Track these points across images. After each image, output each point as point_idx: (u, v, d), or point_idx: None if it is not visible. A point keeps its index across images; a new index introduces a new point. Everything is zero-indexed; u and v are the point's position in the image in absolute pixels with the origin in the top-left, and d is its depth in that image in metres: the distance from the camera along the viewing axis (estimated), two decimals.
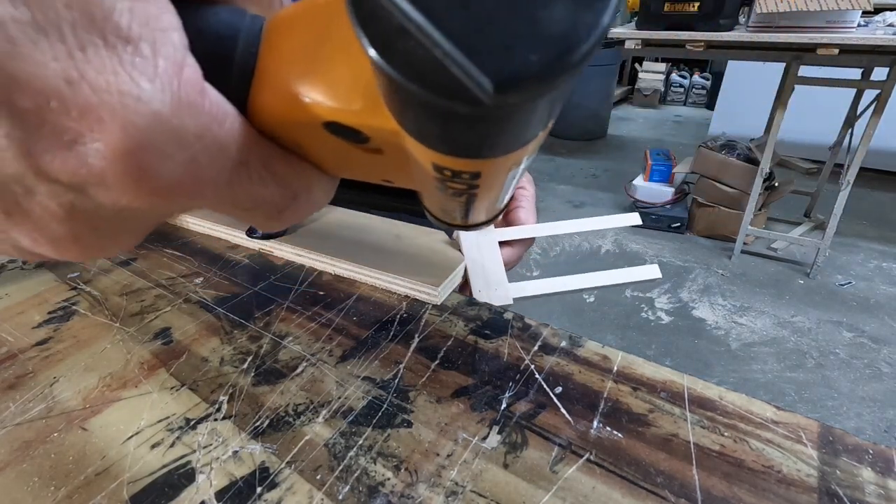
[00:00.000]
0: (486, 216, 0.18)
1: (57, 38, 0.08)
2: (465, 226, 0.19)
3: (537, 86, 0.07)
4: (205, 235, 0.46)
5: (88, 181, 0.10)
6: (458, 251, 0.37)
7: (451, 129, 0.09)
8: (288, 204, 0.14)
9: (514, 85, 0.07)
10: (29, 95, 0.08)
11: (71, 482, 0.23)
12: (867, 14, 1.60)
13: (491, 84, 0.07)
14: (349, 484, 0.22)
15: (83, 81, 0.09)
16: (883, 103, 1.60)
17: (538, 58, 0.07)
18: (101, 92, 0.09)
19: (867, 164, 2.59)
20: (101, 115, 0.09)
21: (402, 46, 0.07)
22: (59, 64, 0.08)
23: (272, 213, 0.14)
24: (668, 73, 4.56)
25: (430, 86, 0.07)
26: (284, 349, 0.30)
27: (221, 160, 0.11)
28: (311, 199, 0.14)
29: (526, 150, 0.11)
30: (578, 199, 2.74)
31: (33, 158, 0.09)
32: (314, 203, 0.15)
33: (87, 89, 0.09)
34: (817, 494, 0.20)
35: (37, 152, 0.09)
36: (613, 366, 0.28)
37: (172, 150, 0.10)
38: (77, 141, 0.09)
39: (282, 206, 0.13)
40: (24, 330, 0.34)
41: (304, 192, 0.14)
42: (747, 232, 1.99)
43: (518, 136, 0.09)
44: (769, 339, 1.68)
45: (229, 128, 0.11)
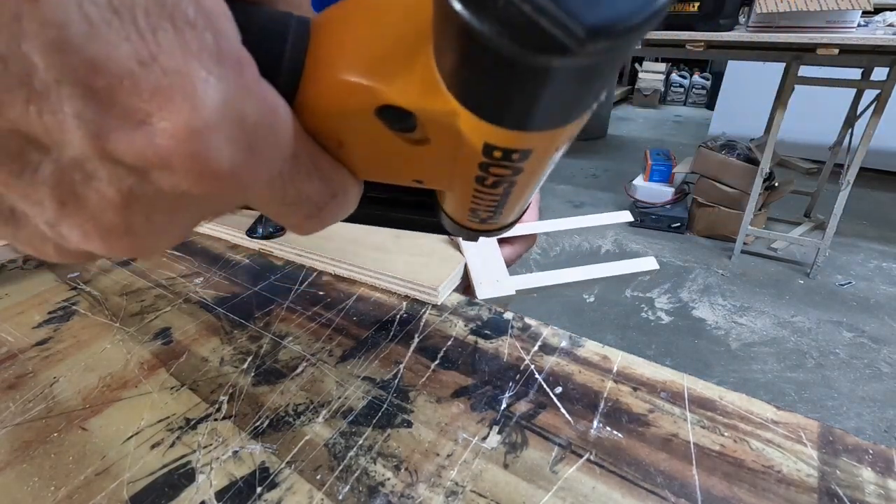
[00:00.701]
0: (515, 214, 0.18)
1: (130, 21, 0.09)
2: (488, 230, 0.19)
3: (626, 32, 0.07)
4: (205, 235, 0.46)
5: (153, 162, 0.10)
6: (457, 251, 0.37)
7: (519, 92, 0.09)
8: (327, 202, 0.14)
9: (604, 30, 0.07)
10: (103, 75, 0.09)
11: (71, 482, 0.23)
12: (867, 14, 1.60)
13: (583, 29, 0.07)
14: (349, 484, 0.22)
15: (155, 63, 0.09)
16: (883, 103, 1.60)
17: (625, 3, 0.07)
18: (171, 74, 0.09)
19: (867, 164, 2.59)
20: (171, 95, 0.09)
21: (489, 1, 0.07)
22: (132, 45, 0.09)
23: (312, 210, 0.14)
24: (668, 73, 4.56)
25: (518, 37, 0.08)
26: (284, 349, 0.30)
27: (277, 149, 0.11)
28: (346, 201, 0.15)
29: (579, 124, 0.11)
30: (578, 199, 2.74)
31: (101, 139, 0.09)
32: (348, 205, 0.15)
33: (159, 70, 0.09)
34: (817, 494, 0.20)
35: (105, 132, 0.09)
36: (613, 366, 0.28)
37: (235, 134, 0.10)
38: (146, 121, 0.09)
39: (321, 203, 0.14)
40: (24, 330, 0.34)
41: (342, 191, 0.14)
42: (747, 232, 1.99)
43: (579, 101, 0.10)
44: (769, 339, 1.68)
45: (283, 118, 0.11)
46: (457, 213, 0.17)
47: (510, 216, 0.17)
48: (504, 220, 0.17)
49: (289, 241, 0.40)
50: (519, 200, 0.15)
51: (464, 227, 0.19)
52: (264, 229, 0.41)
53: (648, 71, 4.51)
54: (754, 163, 1.96)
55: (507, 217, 0.17)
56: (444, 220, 0.19)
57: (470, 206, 0.15)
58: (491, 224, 0.18)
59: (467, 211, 0.16)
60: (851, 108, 1.98)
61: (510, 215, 0.17)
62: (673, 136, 3.75)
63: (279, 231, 0.41)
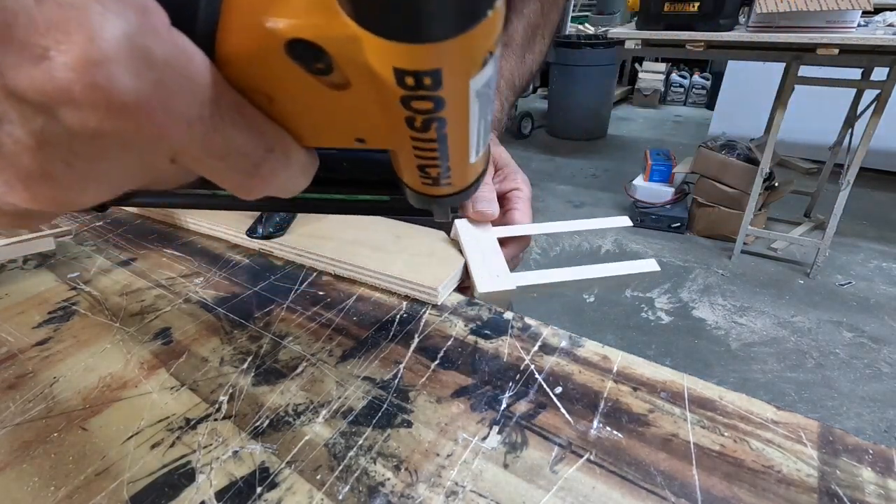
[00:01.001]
0: (468, 172, 0.17)
1: None
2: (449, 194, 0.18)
3: None
4: (205, 235, 0.46)
5: (56, 98, 0.10)
6: (457, 251, 0.37)
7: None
8: (263, 157, 0.14)
9: None
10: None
11: (71, 482, 0.23)
12: (867, 14, 1.60)
13: None
14: (349, 484, 0.22)
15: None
16: (883, 103, 1.60)
17: None
18: (66, 7, 0.09)
19: (867, 164, 2.59)
20: (67, 29, 0.09)
21: None
22: None
23: (249, 167, 0.14)
24: (668, 73, 4.56)
25: None
26: (284, 349, 0.30)
27: (190, 91, 0.11)
28: (287, 161, 0.14)
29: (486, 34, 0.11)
30: (578, 199, 2.74)
31: (2, 77, 0.10)
32: (291, 166, 0.15)
33: (54, 4, 0.09)
34: (817, 494, 0.20)
35: (5, 70, 0.09)
36: (613, 366, 0.28)
37: (138, 67, 0.10)
38: (45, 55, 0.09)
39: (257, 159, 0.13)
40: (24, 330, 0.34)
41: (280, 149, 0.14)
42: (747, 232, 1.99)
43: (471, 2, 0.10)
44: (769, 339, 1.68)
45: (199, 64, 0.11)
46: (412, 179, 0.17)
47: (463, 173, 0.17)
48: (459, 178, 0.17)
49: (289, 241, 0.40)
50: (460, 149, 0.15)
51: (425, 196, 0.18)
52: (264, 229, 0.41)
53: (648, 71, 4.51)
54: (754, 163, 1.96)
55: (462, 174, 0.17)
56: (407, 194, 0.19)
57: (416, 162, 0.15)
58: (448, 185, 0.17)
59: (417, 171, 0.16)
60: (851, 108, 1.98)
61: (462, 171, 0.17)
62: (673, 136, 3.75)
63: (279, 231, 0.41)
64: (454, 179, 0.17)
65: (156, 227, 0.48)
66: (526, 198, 0.41)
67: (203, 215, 0.45)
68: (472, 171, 0.17)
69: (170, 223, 0.48)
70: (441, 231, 0.41)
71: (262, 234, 0.41)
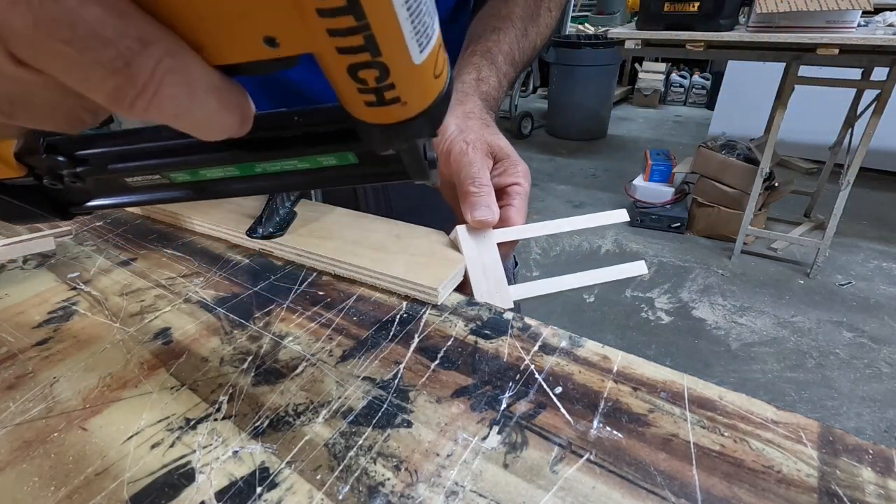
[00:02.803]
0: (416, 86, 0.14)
1: None
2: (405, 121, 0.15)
3: None
4: (205, 235, 0.46)
5: None
6: (458, 251, 0.37)
7: None
8: (136, 51, 0.11)
9: None
10: None
11: (71, 482, 0.23)
12: (867, 14, 1.60)
13: None
14: (349, 484, 0.22)
15: None
16: (883, 103, 1.61)
17: None
18: None
19: (867, 164, 2.59)
20: None
21: None
22: None
23: (113, 60, 0.11)
24: (668, 73, 4.56)
25: None
26: (284, 349, 0.30)
27: None
28: (183, 75, 0.12)
29: None
30: (578, 199, 2.74)
31: None
32: (192, 87, 0.12)
33: None
34: (817, 494, 0.20)
35: None
36: (613, 366, 0.28)
37: None
38: None
39: (124, 50, 0.11)
40: (24, 330, 0.34)
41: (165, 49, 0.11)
42: (747, 232, 1.99)
43: None
44: (769, 339, 1.68)
45: None
46: (352, 98, 0.14)
47: (411, 80, 0.13)
48: (409, 90, 0.14)
49: (289, 241, 0.40)
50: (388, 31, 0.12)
51: (381, 129, 0.15)
52: (264, 229, 0.41)
53: (648, 71, 4.51)
54: (754, 163, 1.96)
55: (410, 83, 0.13)
56: (363, 135, 0.16)
57: (344, 62, 0.12)
58: (399, 104, 0.14)
59: (352, 82, 0.13)
60: (851, 108, 1.98)
61: (409, 77, 0.13)
62: (673, 136, 3.75)
63: (279, 231, 0.41)
64: (403, 92, 0.14)
65: (156, 227, 0.48)
66: (524, 193, 0.39)
67: (203, 215, 0.45)
68: (424, 79, 0.14)
69: (170, 223, 0.48)
70: (441, 231, 0.41)
71: (262, 234, 0.41)
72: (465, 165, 0.37)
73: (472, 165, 0.37)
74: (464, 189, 0.37)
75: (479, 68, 0.44)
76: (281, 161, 0.20)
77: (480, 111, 0.41)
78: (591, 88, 3.51)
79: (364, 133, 0.16)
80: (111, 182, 0.22)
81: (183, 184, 0.22)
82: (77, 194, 0.23)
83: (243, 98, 0.14)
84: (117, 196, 0.24)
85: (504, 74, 0.46)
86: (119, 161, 0.21)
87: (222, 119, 0.14)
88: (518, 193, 0.39)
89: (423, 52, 0.13)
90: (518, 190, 0.39)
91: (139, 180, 0.22)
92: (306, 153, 0.20)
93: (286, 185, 0.23)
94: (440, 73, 0.14)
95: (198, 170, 0.21)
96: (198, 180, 0.22)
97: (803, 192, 2.28)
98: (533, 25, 0.51)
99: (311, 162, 0.21)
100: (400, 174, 0.21)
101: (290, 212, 0.43)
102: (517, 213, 0.38)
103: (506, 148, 0.40)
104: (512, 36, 0.48)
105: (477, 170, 0.37)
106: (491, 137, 0.40)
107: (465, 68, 0.44)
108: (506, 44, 0.47)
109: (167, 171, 0.21)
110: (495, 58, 0.46)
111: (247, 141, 0.17)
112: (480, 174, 0.37)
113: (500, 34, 0.47)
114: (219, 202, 0.47)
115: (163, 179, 0.22)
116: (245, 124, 0.15)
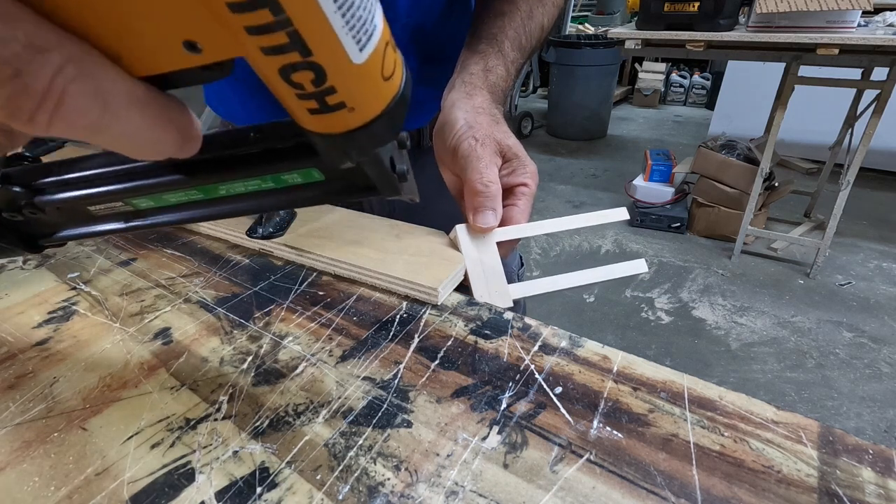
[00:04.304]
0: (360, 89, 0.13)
1: None
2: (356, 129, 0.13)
3: None
4: (205, 235, 0.46)
5: None
6: (458, 251, 0.37)
7: None
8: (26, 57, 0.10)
9: None
10: None
11: (71, 482, 0.23)
12: (867, 14, 1.60)
13: None
14: (349, 484, 0.22)
15: None
16: (883, 103, 1.60)
17: None
18: None
19: (867, 164, 2.59)
20: None
21: None
22: None
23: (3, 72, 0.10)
24: (668, 73, 4.56)
25: None
26: (284, 349, 0.30)
27: None
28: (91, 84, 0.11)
29: None
30: (578, 199, 2.74)
31: None
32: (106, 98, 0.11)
33: None
34: (817, 494, 0.20)
35: None
36: (613, 366, 0.28)
37: None
38: None
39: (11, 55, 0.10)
40: (24, 330, 0.34)
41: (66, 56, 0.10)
42: (747, 232, 1.99)
43: None
44: (769, 339, 1.68)
45: None
46: (293, 103, 0.13)
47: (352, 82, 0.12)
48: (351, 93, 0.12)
49: (289, 241, 0.40)
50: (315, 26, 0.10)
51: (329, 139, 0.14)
52: (264, 229, 0.41)
53: (648, 71, 4.51)
54: (754, 163, 1.96)
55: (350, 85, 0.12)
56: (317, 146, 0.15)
57: (274, 64, 0.11)
58: (345, 109, 0.13)
59: (287, 87, 0.12)
60: (851, 108, 1.98)
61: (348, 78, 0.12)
62: (673, 136, 3.75)
63: (279, 231, 0.41)
64: (347, 96, 0.12)
65: None
66: (530, 195, 0.39)
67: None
68: (369, 81, 0.12)
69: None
70: (441, 231, 0.41)
71: (262, 234, 0.41)
72: (473, 162, 0.37)
73: (480, 162, 0.37)
74: (471, 187, 0.37)
75: (486, 57, 0.43)
76: (243, 181, 0.19)
77: (490, 106, 0.41)
78: (591, 88, 3.50)
79: (319, 146, 0.15)
80: (73, 211, 0.21)
81: (147, 210, 0.21)
82: (41, 226, 0.22)
83: (181, 113, 0.13)
84: (84, 226, 0.23)
85: (512, 62, 0.45)
86: (75, 188, 0.20)
87: (153, 135, 0.12)
88: (524, 194, 0.39)
89: (363, 50, 0.12)
90: (525, 191, 0.39)
91: (101, 208, 0.21)
92: (267, 171, 0.18)
93: (254, 206, 0.21)
94: (391, 75, 0.13)
95: (159, 195, 0.20)
96: (161, 206, 0.21)
97: (803, 192, 2.28)
98: (538, 5, 0.49)
99: (276, 181, 0.19)
100: (367, 189, 0.20)
101: (290, 212, 0.43)
102: (521, 214, 0.38)
103: (514, 147, 0.40)
104: (517, 20, 0.47)
105: (485, 166, 0.37)
106: (500, 135, 0.39)
107: (472, 57, 0.43)
108: (511, 29, 0.46)
109: (127, 197, 0.20)
110: (502, 44, 0.45)
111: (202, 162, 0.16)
112: (488, 172, 0.37)
113: (505, 18, 0.46)
114: None
115: (126, 206, 0.21)
116: (189, 142, 0.13)
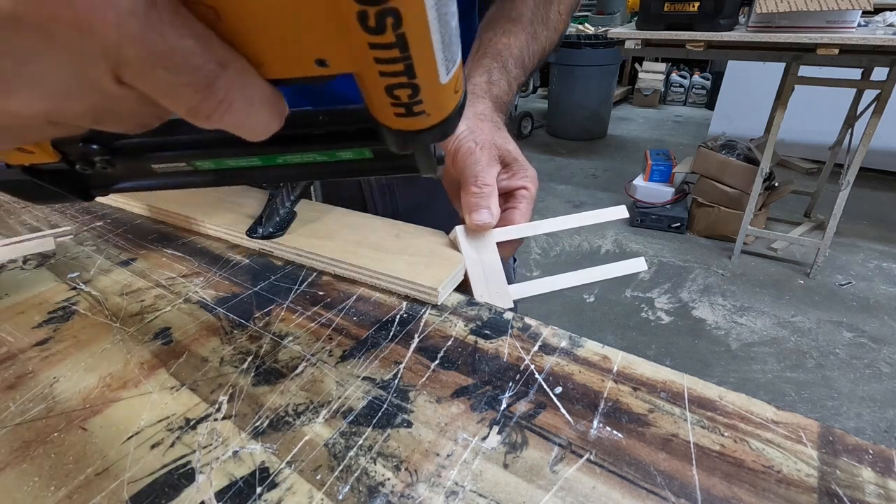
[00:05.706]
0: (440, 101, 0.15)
1: None
2: (428, 128, 0.16)
3: None
4: (205, 235, 0.46)
5: None
6: (458, 251, 0.37)
7: None
8: (216, 73, 0.13)
9: None
10: None
11: (71, 482, 0.23)
12: (867, 14, 1.60)
13: None
14: (349, 484, 0.22)
15: None
16: (883, 103, 1.61)
17: None
18: None
19: (867, 164, 2.59)
20: None
21: None
22: None
23: (200, 82, 0.13)
24: (668, 73, 4.56)
25: None
26: (284, 349, 0.30)
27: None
28: (246, 88, 0.14)
29: None
30: (578, 199, 2.74)
31: None
32: (251, 98, 0.14)
33: None
34: (817, 494, 0.20)
35: None
36: (613, 366, 0.28)
37: None
38: None
39: (208, 72, 0.13)
40: (24, 330, 0.34)
41: (235, 67, 0.13)
42: (747, 232, 1.99)
43: None
44: (769, 339, 1.68)
45: None
46: (383, 110, 0.16)
47: (437, 97, 0.15)
48: (433, 104, 0.15)
49: (289, 241, 0.40)
50: (425, 59, 0.13)
51: (403, 134, 0.17)
52: (264, 229, 0.41)
53: (648, 71, 4.51)
54: (754, 163, 1.96)
55: (435, 98, 0.15)
56: (385, 138, 0.18)
57: (382, 83, 0.14)
58: (424, 116, 0.16)
59: (386, 97, 0.15)
60: (851, 108, 1.98)
61: (435, 94, 0.15)
62: (673, 136, 3.75)
63: (279, 231, 0.41)
64: (428, 106, 0.15)
65: (156, 227, 0.48)
66: (531, 198, 0.40)
67: (204, 215, 0.45)
68: (447, 95, 0.16)
69: (170, 223, 0.48)
70: (441, 231, 0.41)
71: (262, 234, 0.41)
72: (471, 165, 0.37)
73: (477, 165, 0.37)
74: (466, 188, 0.37)
75: (490, 71, 0.45)
76: (302, 154, 0.22)
77: (492, 113, 0.42)
78: (592, 88, 3.51)
79: (386, 135, 0.17)
80: (139, 168, 0.23)
81: (206, 171, 0.24)
82: (103, 178, 0.24)
83: (284, 104, 0.16)
84: (141, 180, 0.25)
85: (514, 78, 0.47)
86: (153, 151, 0.22)
87: (269, 124, 0.15)
88: (524, 197, 0.40)
89: (448, 73, 0.15)
90: (525, 194, 0.40)
91: (165, 167, 0.23)
92: (329, 148, 0.22)
93: (303, 174, 0.24)
94: (458, 89, 0.16)
95: (223, 159, 0.23)
96: (220, 168, 0.24)
97: (803, 192, 2.28)
98: (543, 28, 0.51)
99: (330, 155, 0.22)
100: (409, 168, 0.23)
101: (290, 212, 0.43)
102: (521, 217, 0.39)
103: (514, 152, 0.41)
104: (522, 39, 0.48)
105: (481, 169, 0.37)
106: (500, 141, 0.40)
107: (477, 70, 0.45)
108: (516, 47, 0.48)
109: (194, 159, 0.23)
110: (506, 61, 0.46)
111: (276, 137, 0.18)
112: (485, 174, 0.37)
113: (511, 37, 0.48)
114: (219, 202, 0.47)
115: (188, 167, 0.23)
116: (281, 125, 0.16)
